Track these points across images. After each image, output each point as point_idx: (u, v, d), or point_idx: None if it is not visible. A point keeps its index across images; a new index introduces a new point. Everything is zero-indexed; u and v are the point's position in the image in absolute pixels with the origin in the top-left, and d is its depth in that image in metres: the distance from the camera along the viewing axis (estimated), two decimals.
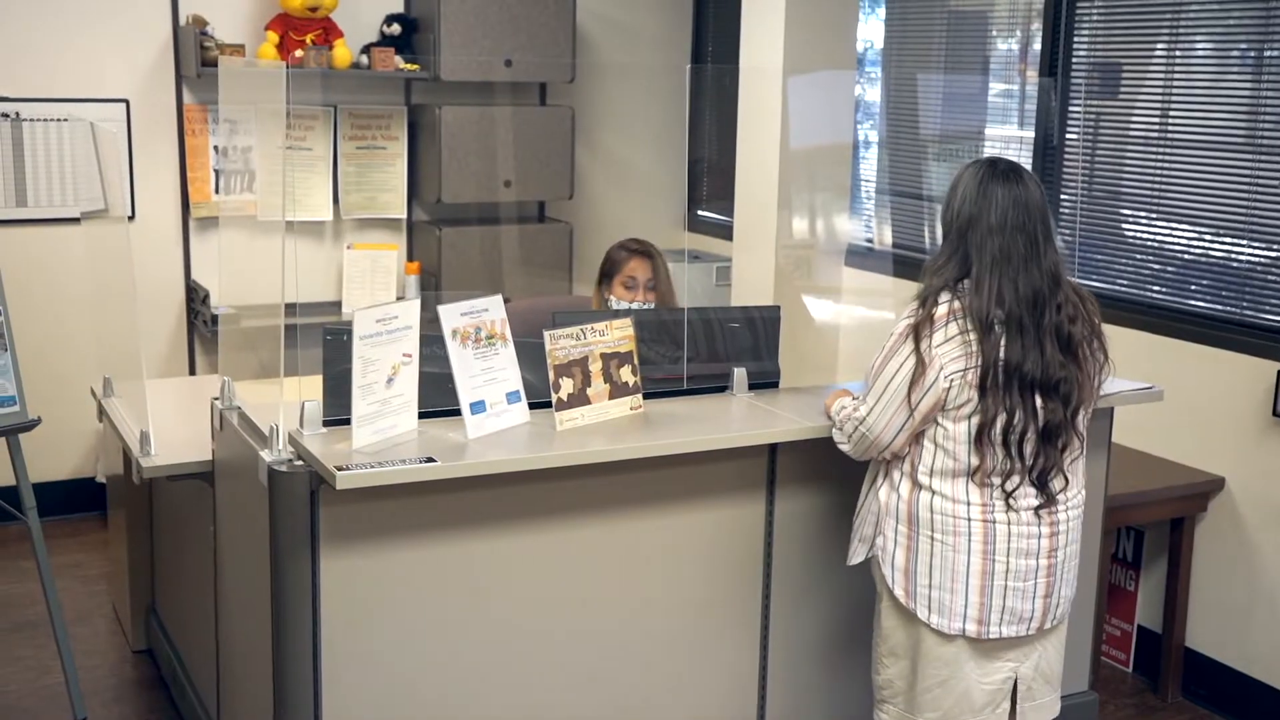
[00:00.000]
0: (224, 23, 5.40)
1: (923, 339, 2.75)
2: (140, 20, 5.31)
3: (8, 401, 3.68)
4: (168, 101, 5.40)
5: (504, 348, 3.07)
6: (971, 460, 2.78)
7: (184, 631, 3.89)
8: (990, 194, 2.76)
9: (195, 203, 5.49)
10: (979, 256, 2.75)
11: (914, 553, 2.85)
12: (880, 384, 2.82)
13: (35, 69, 5.15)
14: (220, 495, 3.32)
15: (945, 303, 2.77)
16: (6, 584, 4.75)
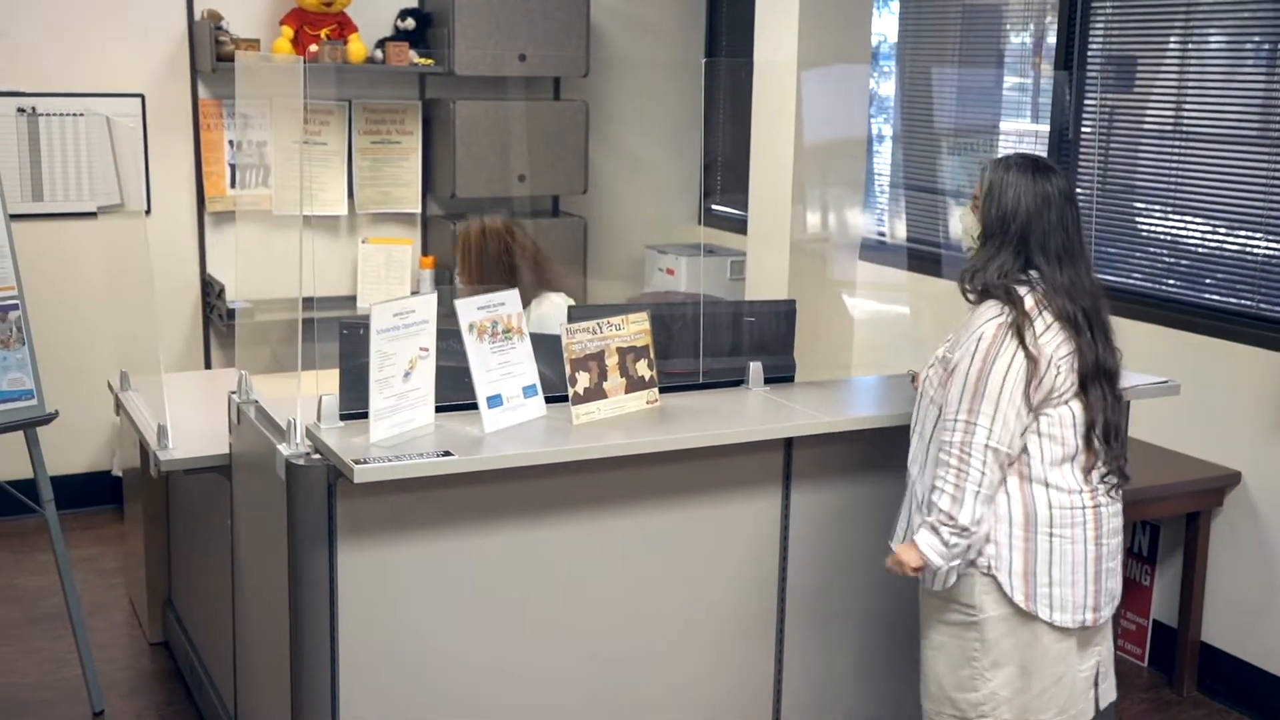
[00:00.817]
0: (239, 17, 5.40)
1: (1026, 334, 2.72)
2: (155, 15, 5.32)
3: (25, 395, 3.69)
4: (183, 96, 5.41)
5: (520, 342, 3.07)
6: (1079, 447, 2.80)
7: (201, 624, 3.90)
8: (1045, 192, 2.78)
9: (210, 197, 5.50)
10: (1043, 253, 2.77)
11: (1032, 554, 2.79)
12: (992, 390, 2.71)
13: (51, 64, 5.16)
14: (237, 489, 3.33)
15: (1027, 294, 2.77)
16: (24, 576, 4.76)
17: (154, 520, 4.21)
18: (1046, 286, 2.76)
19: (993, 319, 2.75)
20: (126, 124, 5.18)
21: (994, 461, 2.73)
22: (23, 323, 3.69)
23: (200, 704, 3.82)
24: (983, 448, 2.71)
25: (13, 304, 3.68)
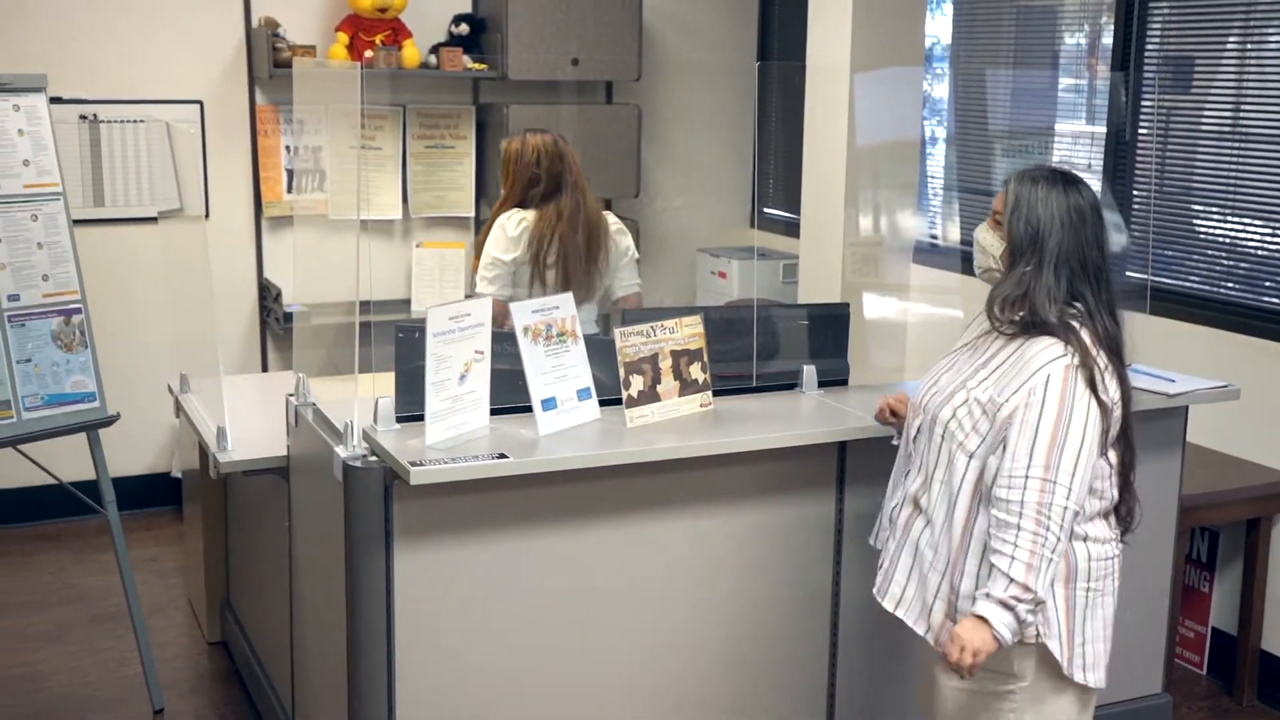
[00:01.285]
0: (295, 24, 5.46)
1: (1097, 380, 2.47)
2: (214, 23, 5.38)
3: (88, 398, 3.75)
4: (240, 102, 5.47)
5: (574, 345, 3.09)
6: (1115, 495, 2.60)
7: (259, 624, 3.94)
8: (1079, 206, 2.54)
9: (267, 202, 5.56)
10: (1083, 274, 2.53)
11: (1073, 611, 2.55)
12: (1072, 444, 2.43)
13: (112, 71, 5.23)
14: (295, 490, 3.36)
15: (1086, 330, 2.52)
16: (86, 576, 4.83)
17: (213, 521, 4.26)
18: (1095, 318, 2.53)
19: (1057, 359, 2.47)
20: (186, 130, 5.25)
21: (1070, 524, 2.45)
22: (85, 326, 3.75)
23: (258, 704, 3.86)
24: (1063, 510, 2.42)
25: (76, 308, 3.74)
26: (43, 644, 4.28)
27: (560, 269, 3.98)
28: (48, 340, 3.68)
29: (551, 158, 4.06)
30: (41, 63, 5.00)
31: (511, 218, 4.02)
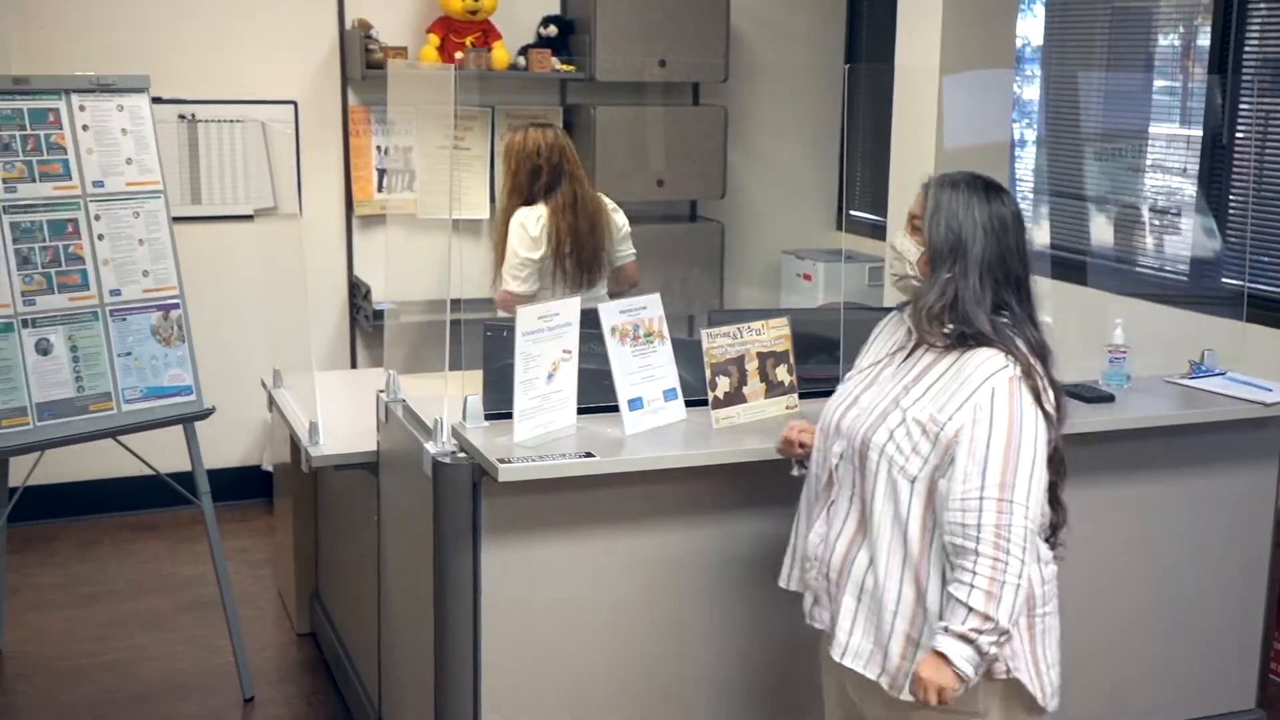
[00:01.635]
0: (387, 26, 5.52)
1: (1041, 392, 2.33)
2: (308, 24, 5.47)
3: (184, 391, 3.82)
4: (333, 103, 5.55)
5: (661, 345, 3.09)
6: (1049, 511, 2.44)
7: (347, 617, 3.99)
8: (1000, 213, 2.39)
9: (358, 201, 5.63)
10: (1007, 284, 2.38)
11: (1036, 639, 2.40)
12: (1025, 461, 2.27)
13: (210, 72, 5.34)
14: (384, 485, 3.40)
15: (1020, 339, 2.36)
16: (179, 565, 4.93)
17: (303, 514, 4.32)
18: (1023, 327, 2.38)
19: (1000, 371, 2.31)
20: (282, 129, 5.34)
21: (1030, 545, 2.27)
22: (183, 321, 3.83)
23: (345, 695, 3.91)
24: (1022, 531, 2.24)
25: (174, 303, 3.82)
26: (138, 630, 4.37)
27: (576, 257, 4.24)
28: (147, 334, 3.77)
29: (551, 149, 4.27)
30: (142, 64, 5.10)
31: (529, 216, 4.21)
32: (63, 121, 3.67)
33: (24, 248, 3.58)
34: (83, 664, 4.13)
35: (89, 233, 3.68)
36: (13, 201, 3.57)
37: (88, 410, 3.65)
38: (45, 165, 3.63)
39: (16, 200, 3.57)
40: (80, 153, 3.69)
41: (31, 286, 3.58)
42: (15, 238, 3.56)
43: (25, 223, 3.58)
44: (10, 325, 3.53)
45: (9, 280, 3.54)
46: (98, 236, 3.70)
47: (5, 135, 3.57)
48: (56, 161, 3.65)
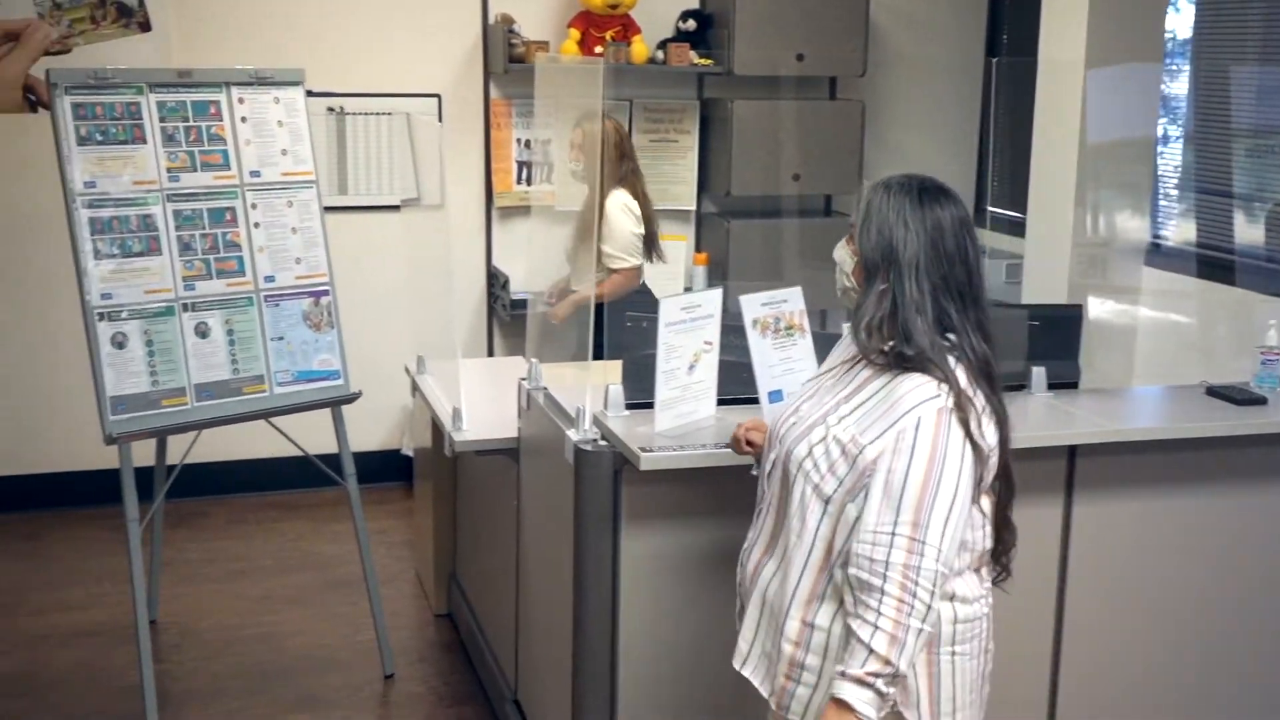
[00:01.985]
0: (529, 20, 5.59)
1: (972, 422, 2.15)
2: (453, 20, 5.56)
3: (333, 375, 3.93)
4: (475, 96, 5.64)
5: (802, 339, 3.08)
6: (988, 543, 2.28)
7: (484, 599, 4.07)
8: (937, 218, 2.22)
9: (498, 192, 5.71)
10: (947, 295, 2.21)
11: (936, 678, 2.25)
12: (944, 499, 2.10)
13: (357, 66, 5.46)
14: (525, 471, 3.45)
15: (957, 365, 2.20)
16: (321, 544, 5.06)
17: (442, 498, 4.41)
18: (966, 341, 2.22)
19: (929, 401, 2.14)
20: (429, 121, 5.43)
21: (939, 589, 2.12)
22: (333, 307, 3.93)
23: (481, 675, 3.99)
24: (932, 574, 2.09)
25: (324, 290, 3.93)
26: (283, 605, 4.51)
27: (649, 236, 4.75)
28: (299, 320, 3.87)
29: (625, 138, 4.78)
30: (294, 58, 5.25)
31: (626, 197, 4.66)
32: (223, 113, 3.79)
33: (185, 235, 3.71)
34: (232, 636, 4.27)
35: (246, 221, 3.80)
36: (175, 190, 3.70)
37: (242, 392, 3.77)
38: (206, 155, 3.76)
39: (179, 189, 3.70)
40: (239, 143, 3.81)
41: (192, 272, 3.71)
42: (178, 225, 3.69)
43: (187, 210, 3.71)
44: (171, 309, 3.66)
45: (171, 266, 3.67)
46: (254, 225, 3.81)
47: (170, 126, 3.70)
48: (217, 152, 3.78)
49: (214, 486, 5.40)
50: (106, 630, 4.29)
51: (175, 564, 4.77)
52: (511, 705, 3.63)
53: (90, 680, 3.97)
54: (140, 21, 5.20)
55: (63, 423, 5.20)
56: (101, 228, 3.57)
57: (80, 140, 3.57)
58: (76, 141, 3.56)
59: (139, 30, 5.20)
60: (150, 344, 3.62)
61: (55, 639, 4.21)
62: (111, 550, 4.86)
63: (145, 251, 3.63)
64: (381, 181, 5.55)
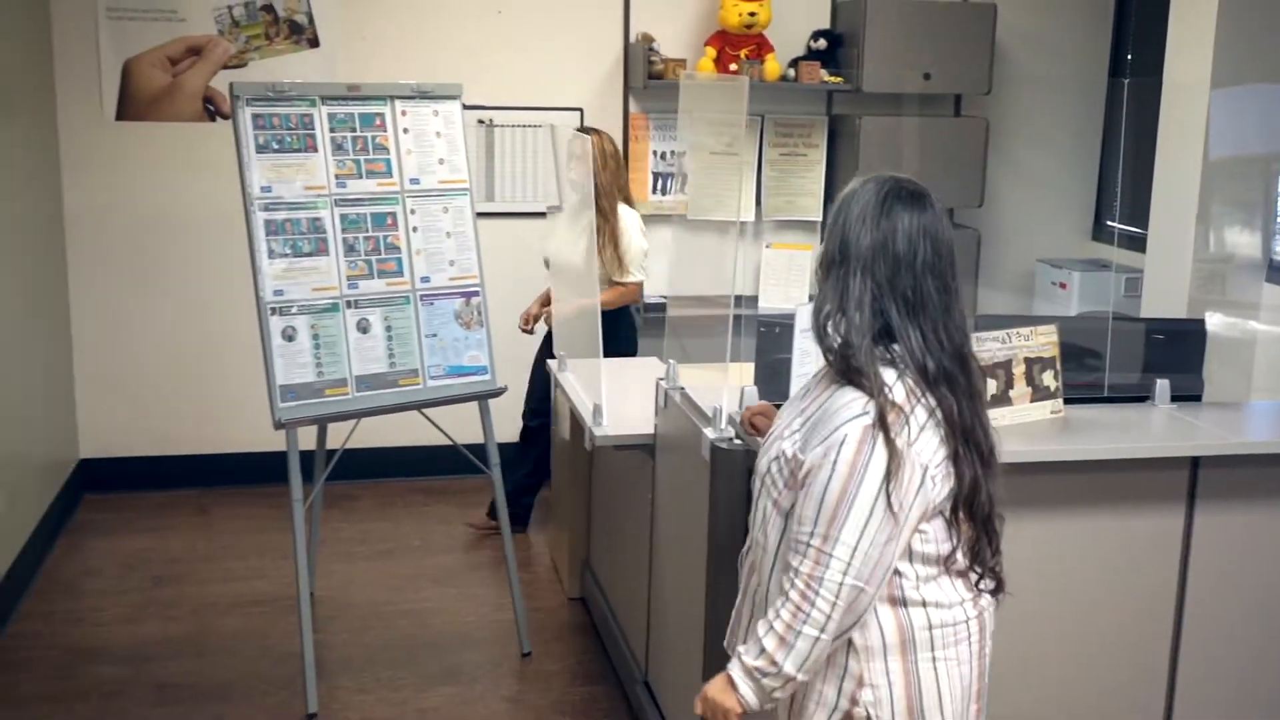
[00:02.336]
0: (668, 39, 5.62)
1: (898, 438, 2.03)
2: (596, 39, 5.62)
3: (481, 371, 4.00)
4: (615, 110, 5.69)
5: None
6: (944, 549, 2.15)
7: (616, 586, 4.10)
8: (895, 222, 2.09)
9: (635, 202, 5.73)
10: (891, 297, 2.08)
11: (915, 685, 2.15)
12: (857, 515, 2.02)
13: (506, 81, 5.55)
14: (660, 466, 3.48)
15: (896, 381, 2.07)
16: (465, 529, 5.15)
17: (578, 488, 4.46)
18: (916, 355, 2.08)
19: (855, 419, 2.04)
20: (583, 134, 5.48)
21: (846, 601, 2.04)
22: (482, 307, 4.00)
23: (613, 658, 4.02)
24: (836, 586, 2.03)
25: (475, 290, 4.00)
26: (429, 585, 4.60)
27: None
28: (451, 318, 3.96)
29: (619, 151, 4.81)
30: (447, 72, 5.37)
31: (634, 213, 4.75)
32: (387, 125, 3.89)
33: (350, 237, 3.81)
34: (382, 610, 4.38)
35: (405, 225, 3.89)
36: (342, 195, 3.80)
37: (397, 384, 3.86)
38: (371, 164, 3.86)
39: (346, 194, 3.81)
40: (401, 153, 3.90)
41: (355, 272, 3.81)
42: (343, 228, 3.80)
43: (352, 215, 3.81)
44: (337, 305, 3.77)
45: (337, 265, 3.77)
46: (412, 229, 3.90)
47: (339, 136, 3.81)
48: (381, 160, 3.87)
49: (366, 471, 5.52)
50: (268, 600, 4.42)
51: (330, 542, 4.90)
52: (641, 686, 3.66)
53: (253, 647, 4.10)
54: (310, 38, 5.36)
55: (233, 408, 5.38)
56: (275, 229, 3.69)
57: (259, 148, 3.69)
58: (255, 149, 3.68)
59: (308, 46, 5.36)
60: (316, 338, 3.73)
61: (221, 607, 4.35)
62: (272, 527, 5.02)
63: (314, 252, 3.74)
64: (526, 189, 5.64)
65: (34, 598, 4.41)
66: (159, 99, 5.24)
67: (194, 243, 5.37)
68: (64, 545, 4.88)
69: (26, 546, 4.52)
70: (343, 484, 5.33)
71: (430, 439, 4.26)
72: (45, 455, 5.00)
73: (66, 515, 5.14)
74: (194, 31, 5.24)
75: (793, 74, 5.64)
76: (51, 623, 4.23)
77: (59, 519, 5.03)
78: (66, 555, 4.79)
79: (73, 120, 5.20)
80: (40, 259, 4.98)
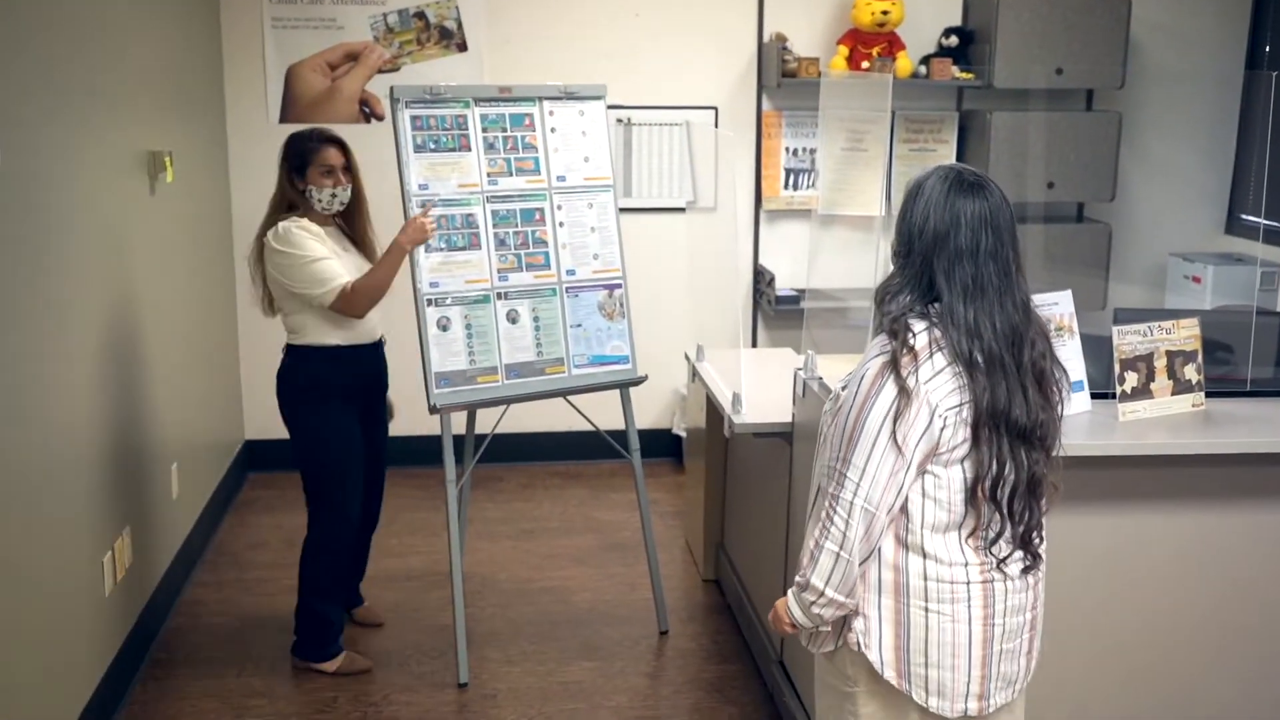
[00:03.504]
0: (801, 38, 5.59)
1: (906, 373, 2.12)
2: (731, 38, 5.61)
3: (623, 360, 4.04)
4: (749, 108, 5.67)
5: (1070, 339, 3.00)
6: (967, 514, 2.18)
7: (750, 569, 4.11)
8: (957, 211, 2.16)
9: (766, 197, 5.73)
10: (948, 283, 2.14)
11: (905, 627, 2.21)
12: (865, 439, 2.13)
13: (643, 81, 5.58)
14: (798, 454, 3.47)
15: (923, 331, 2.15)
16: (600, 510, 5.21)
17: (713, 474, 4.47)
18: (949, 323, 2.14)
19: (876, 356, 2.16)
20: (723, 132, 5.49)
21: (860, 522, 2.14)
22: (624, 299, 4.04)
23: (748, 637, 4.03)
24: (848, 504, 2.14)
25: (617, 283, 4.04)
26: (569, 564, 4.66)
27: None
28: (594, 309, 4.00)
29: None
30: (586, 73, 5.43)
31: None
32: (535, 124, 3.94)
33: (501, 232, 3.87)
34: (525, 587, 4.45)
35: (552, 220, 3.94)
36: (494, 192, 3.87)
37: (544, 372, 3.92)
38: (521, 162, 3.92)
39: (497, 191, 3.87)
40: (549, 151, 3.95)
41: (506, 265, 3.87)
42: (495, 224, 3.86)
43: (503, 211, 3.88)
44: (488, 297, 3.84)
45: (488, 259, 3.84)
46: (559, 224, 3.95)
47: (490, 136, 3.87)
48: (530, 159, 3.93)
49: (511, 455, 5.61)
50: (420, 575, 4.53)
51: (475, 522, 5.00)
52: (777, 666, 3.66)
53: (408, 618, 4.21)
54: (459, 43, 5.46)
55: None
56: None
57: (416, 148, 3.77)
58: (413, 149, 3.77)
59: (457, 50, 5.46)
60: (469, 328, 3.81)
61: (379, 581, 4.47)
62: (421, 506, 5.14)
63: (467, 246, 3.82)
64: (663, 186, 5.66)
65: (205, 568, 4.59)
66: (319, 102, 5.39)
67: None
68: (231, 520, 5.07)
69: (199, 520, 4.71)
70: (489, 466, 5.43)
71: (572, 424, 4.31)
72: (215, 437, 5.19)
73: (234, 492, 5.33)
74: (351, 38, 5.38)
75: (924, 71, 5.57)
76: (223, 590, 4.40)
77: (227, 496, 5.22)
78: (234, 529, 4.97)
79: (240, 123, 5.38)
80: (211, 256, 5.17)
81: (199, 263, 4.94)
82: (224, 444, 5.33)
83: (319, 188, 3.69)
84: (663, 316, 5.58)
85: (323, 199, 3.69)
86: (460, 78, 5.37)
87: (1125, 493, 2.94)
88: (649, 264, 5.54)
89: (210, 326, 5.11)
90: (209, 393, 5.06)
